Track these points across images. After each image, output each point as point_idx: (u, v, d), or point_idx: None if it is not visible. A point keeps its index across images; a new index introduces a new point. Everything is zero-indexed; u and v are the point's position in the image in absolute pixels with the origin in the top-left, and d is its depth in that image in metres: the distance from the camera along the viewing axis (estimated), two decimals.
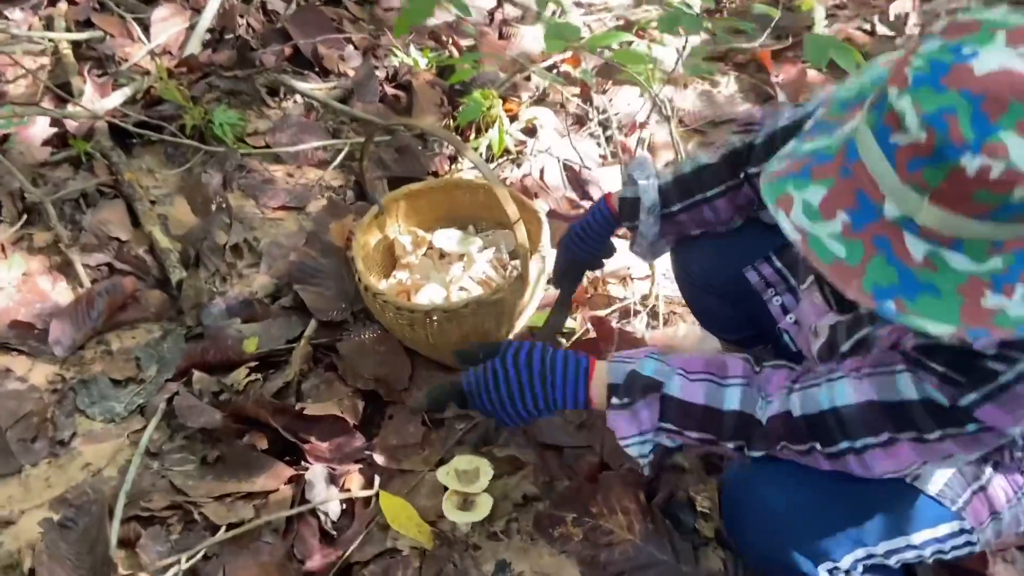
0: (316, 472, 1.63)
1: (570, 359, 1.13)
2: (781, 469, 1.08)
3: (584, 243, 1.53)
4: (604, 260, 1.61)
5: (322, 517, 1.57)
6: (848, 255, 0.82)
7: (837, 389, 1.00)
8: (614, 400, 1.09)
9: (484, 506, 1.55)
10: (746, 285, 1.41)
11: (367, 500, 1.61)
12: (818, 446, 1.01)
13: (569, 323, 1.96)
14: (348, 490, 1.62)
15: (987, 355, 0.86)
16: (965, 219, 0.77)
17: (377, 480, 1.64)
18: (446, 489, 1.57)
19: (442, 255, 2.00)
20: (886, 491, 1.07)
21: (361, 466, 1.68)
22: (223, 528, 1.54)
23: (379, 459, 1.67)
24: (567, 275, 1.65)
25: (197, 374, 1.88)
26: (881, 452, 0.98)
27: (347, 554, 1.49)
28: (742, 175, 1.31)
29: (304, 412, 1.70)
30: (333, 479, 1.64)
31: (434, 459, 1.70)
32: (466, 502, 1.56)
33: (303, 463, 1.67)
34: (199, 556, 1.48)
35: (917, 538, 1.08)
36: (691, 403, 1.07)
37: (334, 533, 1.57)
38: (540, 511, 1.60)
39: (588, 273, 2.12)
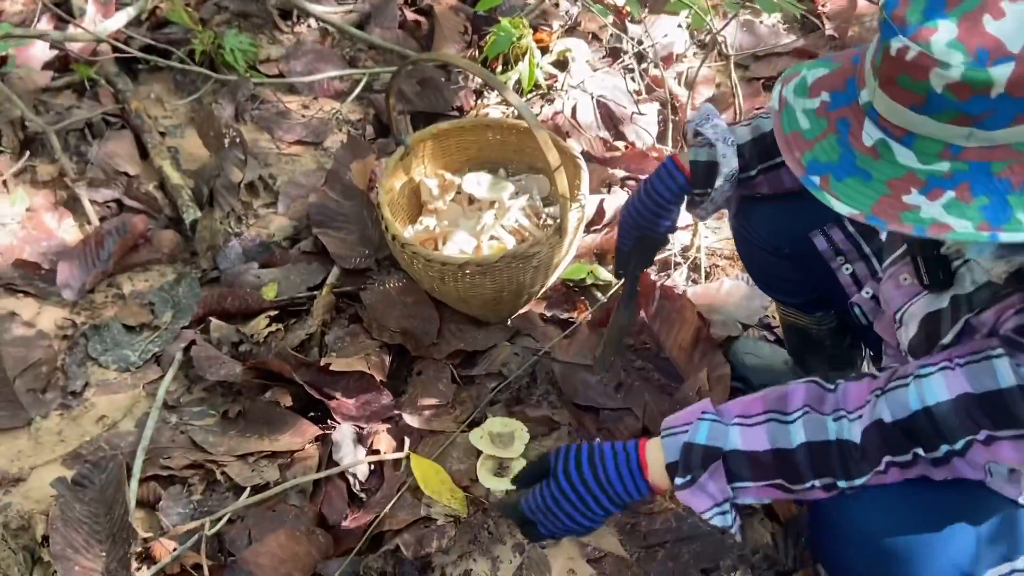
0: (343, 432, 1.55)
1: (619, 455, 1.01)
2: (877, 488, 0.94)
3: (656, 215, 1.33)
4: (671, 235, 1.43)
5: (351, 479, 1.50)
6: (809, 129, 0.86)
7: (926, 386, 0.88)
8: (677, 481, 0.96)
9: None
10: (814, 248, 1.30)
11: (397, 462, 1.54)
12: (921, 451, 0.89)
13: (605, 275, 1.86)
14: (377, 451, 1.55)
15: None
16: (904, 109, 0.77)
17: (407, 442, 1.57)
18: (479, 453, 1.50)
19: (471, 200, 1.88)
20: (998, 514, 0.95)
21: (389, 425, 1.60)
22: (248, 490, 1.47)
23: (408, 419, 1.59)
24: (634, 257, 1.42)
25: (215, 322, 1.79)
26: (983, 449, 0.87)
27: (379, 519, 1.43)
28: None
29: (329, 368, 1.61)
30: (360, 439, 1.56)
31: (465, 418, 1.62)
32: (501, 467, 1.49)
33: (329, 421, 1.59)
34: (224, 520, 1.41)
35: (1022, 562, 0.97)
36: (757, 451, 0.94)
37: (363, 496, 1.50)
38: None
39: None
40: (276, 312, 1.81)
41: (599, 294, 1.85)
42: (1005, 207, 0.76)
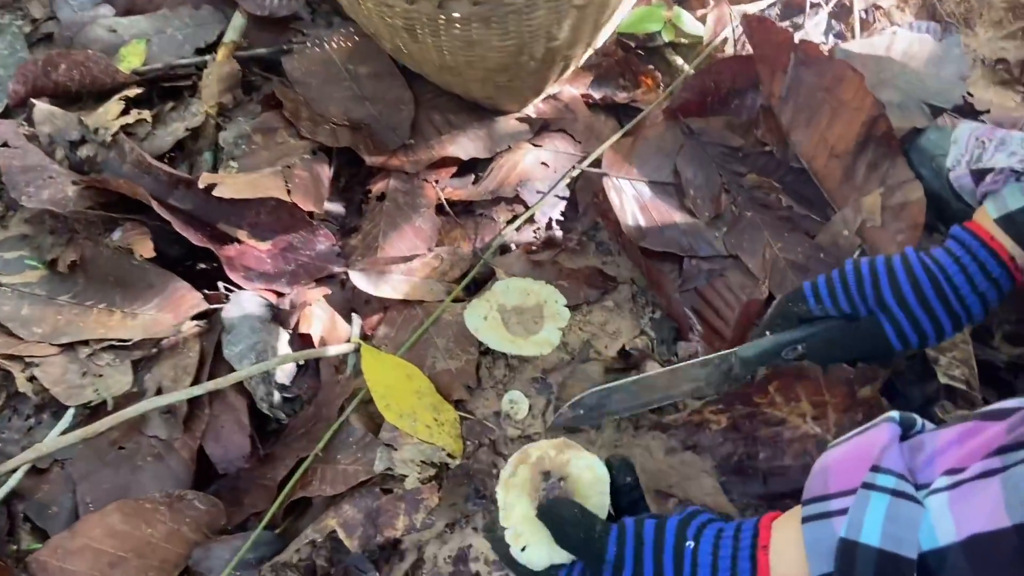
0: (243, 303, 0.89)
1: (721, 559, 0.57)
2: None
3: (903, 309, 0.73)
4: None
5: (258, 391, 0.86)
6: None
7: None
8: None
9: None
10: None
11: (341, 360, 0.90)
12: None
13: (693, 25, 1.11)
14: (307, 338, 0.89)
15: None
16: None
17: (357, 322, 0.91)
18: (484, 349, 0.85)
19: None
20: None
21: (328, 291, 0.94)
22: (71, 412, 0.84)
23: (360, 280, 0.92)
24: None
25: (40, 107, 1.07)
26: None
27: (301, 472, 0.80)
28: None
29: (211, 191, 0.92)
30: (277, 316, 0.90)
31: (459, 275, 0.95)
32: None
33: (222, 285, 0.93)
34: (20, 473, 0.79)
35: None
36: (986, 533, 0.44)
37: (281, 419, 0.87)
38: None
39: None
40: (141, 90, 1.09)
41: (679, 60, 1.11)
42: None
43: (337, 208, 1.01)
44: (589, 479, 0.65)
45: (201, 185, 0.91)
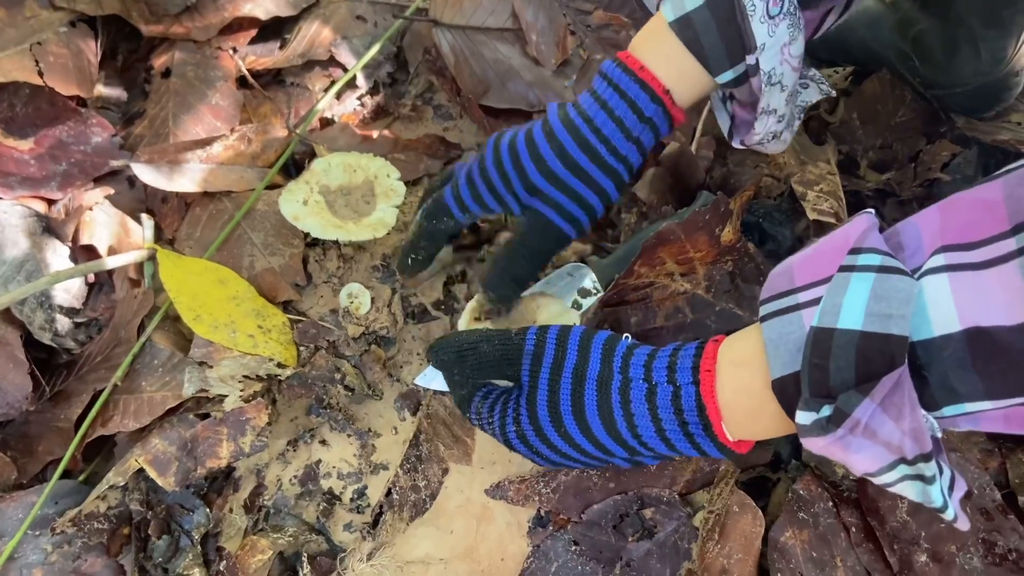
0: (4, 215, 0.73)
1: (660, 385, 0.49)
2: None
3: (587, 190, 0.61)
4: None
5: (35, 319, 0.71)
6: None
7: None
8: (800, 420, 0.40)
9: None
10: None
11: (136, 274, 0.75)
12: None
13: None
14: (92, 251, 0.74)
15: None
16: None
17: (148, 223, 0.76)
18: (311, 240, 0.73)
19: None
20: None
21: (111, 190, 0.78)
22: None
23: (146, 173, 0.76)
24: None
25: None
26: None
27: (100, 404, 0.68)
28: None
29: None
30: (50, 228, 0.75)
31: (272, 160, 0.81)
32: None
33: None
34: None
35: None
36: (997, 328, 0.35)
37: (71, 346, 0.73)
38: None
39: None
40: None
41: None
42: None
43: (116, 92, 0.84)
44: (556, 311, 0.67)
45: None
